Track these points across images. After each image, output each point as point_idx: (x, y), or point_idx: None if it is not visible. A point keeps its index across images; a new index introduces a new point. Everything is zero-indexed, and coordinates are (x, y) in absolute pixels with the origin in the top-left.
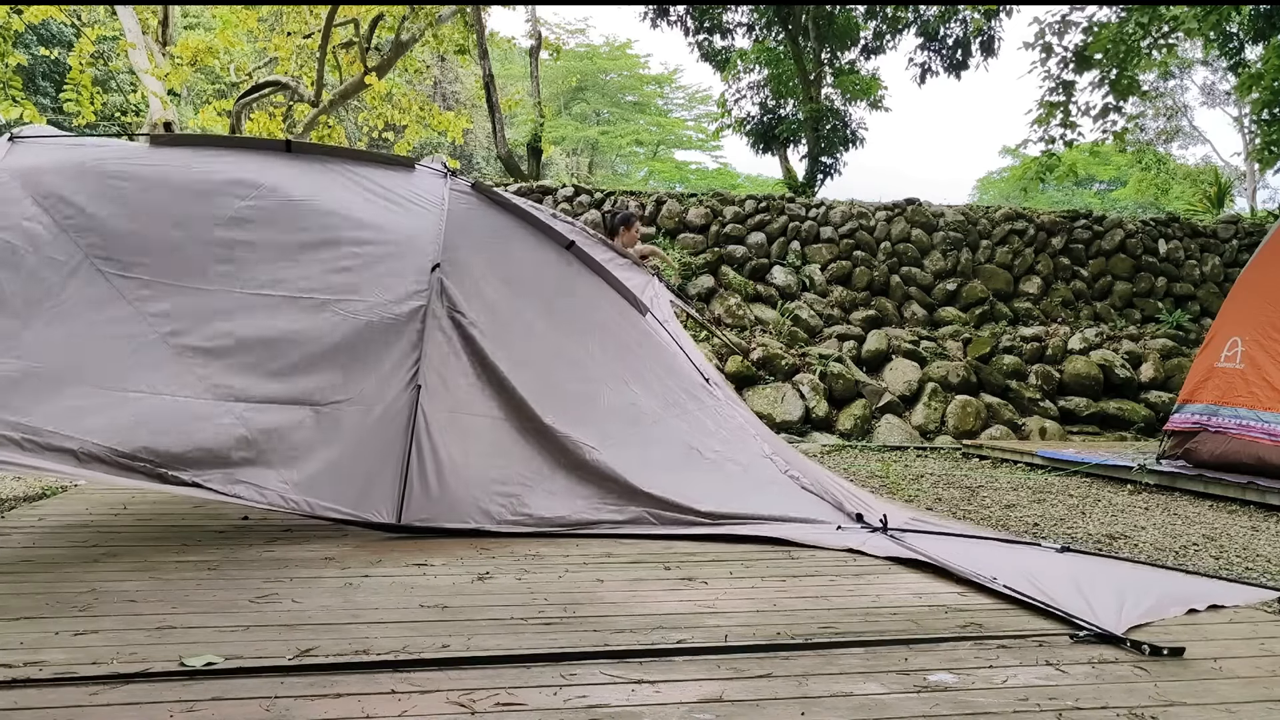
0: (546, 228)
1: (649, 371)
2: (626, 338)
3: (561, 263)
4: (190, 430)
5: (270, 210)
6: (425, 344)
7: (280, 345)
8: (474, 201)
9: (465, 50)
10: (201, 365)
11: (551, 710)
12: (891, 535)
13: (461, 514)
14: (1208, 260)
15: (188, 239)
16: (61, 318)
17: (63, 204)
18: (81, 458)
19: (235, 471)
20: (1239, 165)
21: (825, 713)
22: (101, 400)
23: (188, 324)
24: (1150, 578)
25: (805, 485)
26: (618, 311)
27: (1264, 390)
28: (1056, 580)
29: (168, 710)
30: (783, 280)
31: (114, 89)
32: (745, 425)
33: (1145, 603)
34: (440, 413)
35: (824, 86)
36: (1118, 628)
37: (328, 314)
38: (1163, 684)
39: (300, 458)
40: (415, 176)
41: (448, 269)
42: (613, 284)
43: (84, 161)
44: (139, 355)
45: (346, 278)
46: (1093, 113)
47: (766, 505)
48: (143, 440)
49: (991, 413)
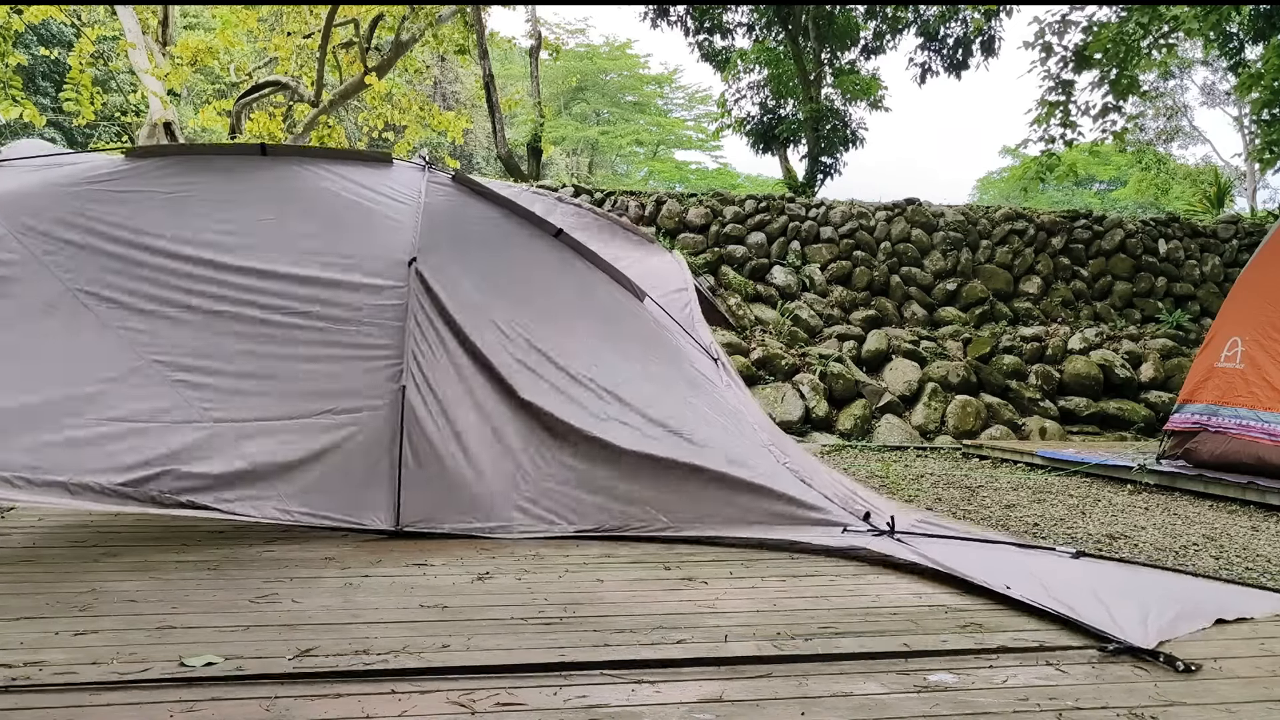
0: (533, 216)
1: (645, 357)
2: (621, 324)
3: (549, 250)
4: (181, 453)
5: (244, 226)
6: (407, 341)
7: (266, 360)
8: (454, 193)
9: (465, 50)
10: (190, 389)
11: (551, 710)
12: (899, 538)
13: (460, 513)
14: (1208, 260)
15: (166, 262)
16: (46, 350)
17: (40, 236)
18: (73, 489)
19: (228, 490)
20: (1239, 165)
21: (825, 713)
22: (92, 432)
23: (173, 349)
24: (1171, 585)
25: (804, 479)
26: (611, 297)
27: (1264, 390)
28: (1074, 589)
29: (168, 710)
30: (783, 280)
31: (114, 89)
32: (743, 411)
33: (1170, 613)
34: (428, 409)
35: (824, 86)
36: (1146, 640)
37: (309, 323)
38: (1162, 684)
39: (292, 470)
40: (393, 172)
41: (426, 263)
42: (606, 270)
43: (60, 186)
44: (127, 382)
45: (324, 284)
46: (1092, 112)
47: (770, 483)
48: (135, 469)
49: (991, 413)
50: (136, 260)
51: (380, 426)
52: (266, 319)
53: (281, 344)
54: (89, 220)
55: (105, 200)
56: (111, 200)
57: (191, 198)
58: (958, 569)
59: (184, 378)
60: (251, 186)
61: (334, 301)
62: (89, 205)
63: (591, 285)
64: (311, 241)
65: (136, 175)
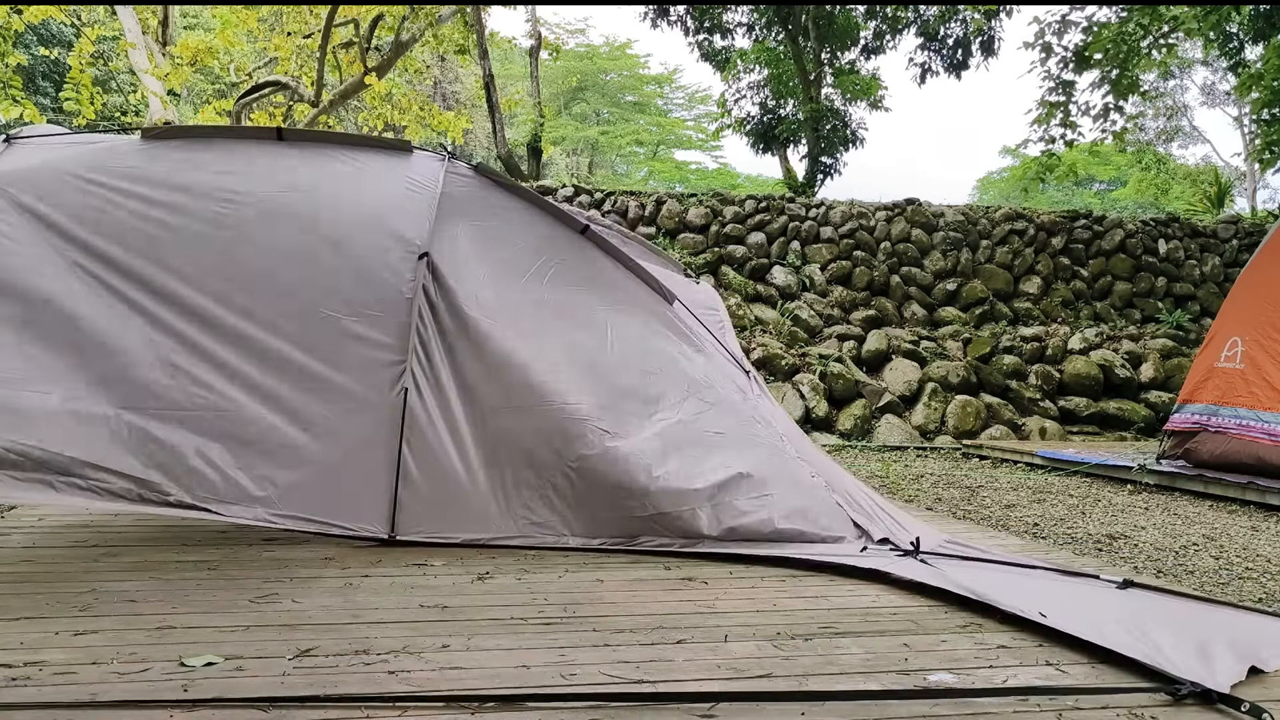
0: (557, 210)
1: (675, 363)
2: (650, 328)
3: (575, 247)
4: (173, 449)
5: (254, 214)
6: (413, 339)
7: (266, 354)
8: (474, 184)
9: (465, 50)
10: (188, 380)
11: (552, 710)
12: (923, 559)
13: (458, 524)
14: (1208, 260)
15: (174, 248)
16: (44, 333)
17: (48, 212)
18: (59, 487)
19: (221, 490)
20: (1239, 165)
21: (825, 713)
22: (83, 422)
23: (171, 337)
24: (1231, 621)
25: (840, 501)
26: (640, 299)
27: (1264, 390)
28: (1119, 623)
29: (168, 711)
30: (783, 280)
31: (114, 89)
32: (772, 423)
33: (1239, 649)
34: (431, 414)
35: (824, 86)
36: (1215, 683)
37: (312, 317)
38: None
39: (288, 472)
40: (412, 160)
41: (438, 255)
42: (635, 270)
43: (73, 165)
44: (126, 369)
45: (331, 276)
46: (1093, 112)
47: (790, 524)
48: (124, 465)
49: (991, 413)
50: (139, 243)
51: (379, 429)
52: (269, 308)
53: (286, 338)
54: (98, 199)
55: (117, 181)
56: (122, 181)
57: (201, 179)
58: (988, 596)
59: (180, 364)
60: (265, 170)
61: (339, 297)
62: (98, 186)
63: (617, 285)
64: (321, 230)
65: (150, 156)
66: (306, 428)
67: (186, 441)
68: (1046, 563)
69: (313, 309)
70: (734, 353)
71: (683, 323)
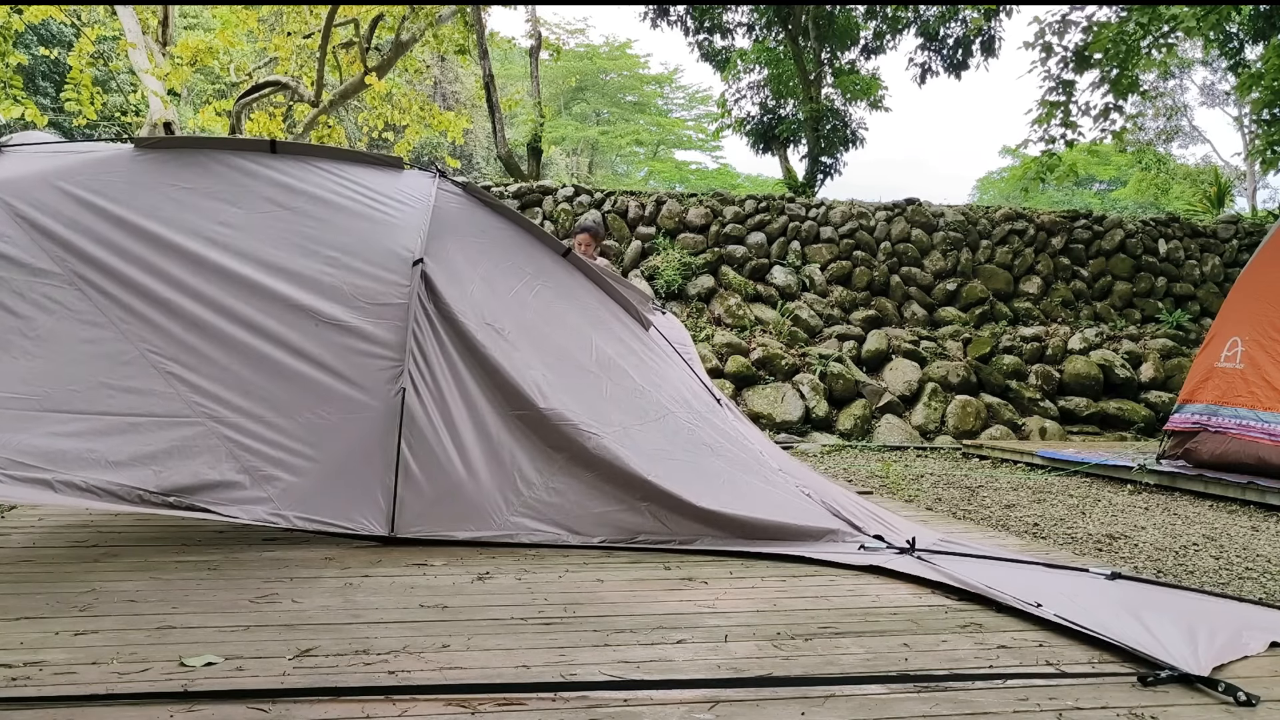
0: (541, 233)
1: (652, 383)
2: (629, 346)
3: (557, 268)
4: (173, 452)
5: (247, 221)
6: (410, 342)
7: (263, 360)
8: (464, 201)
9: (465, 50)
10: (186, 387)
11: (551, 710)
12: (919, 556)
13: (457, 522)
14: (1208, 260)
15: (164, 255)
16: (40, 342)
17: (42, 222)
18: (57, 488)
19: (220, 491)
20: (1239, 165)
21: (825, 713)
22: (81, 426)
23: (167, 344)
24: (1220, 609)
25: (826, 504)
26: (619, 322)
27: (1264, 390)
28: (1111, 608)
29: (168, 711)
30: (783, 280)
31: (114, 89)
32: (749, 440)
33: (1221, 636)
34: (427, 414)
35: (824, 86)
36: (1198, 667)
37: (308, 323)
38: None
39: (287, 472)
40: (403, 176)
41: (432, 264)
42: (613, 295)
43: (64, 175)
44: (122, 377)
45: (327, 282)
46: (1093, 112)
47: (781, 516)
48: (123, 466)
49: (991, 413)
50: (135, 252)
51: (378, 429)
52: (265, 315)
53: (281, 343)
54: (91, 209)
55: (108, 191)
56: (115, 189)
57: (195, 190)
58: (982, 586)
59: (176, 372)
60: (258, 182)
61: (335, 300)
62: (90, 196)
63: (598, 304)
64: (315, 239)
65: (142, 167)
66: (306, 429)
67: (187, 446)
68: (1039, 558)
69: (311, 317)
70: (705, 382)
71: (657, 344)
